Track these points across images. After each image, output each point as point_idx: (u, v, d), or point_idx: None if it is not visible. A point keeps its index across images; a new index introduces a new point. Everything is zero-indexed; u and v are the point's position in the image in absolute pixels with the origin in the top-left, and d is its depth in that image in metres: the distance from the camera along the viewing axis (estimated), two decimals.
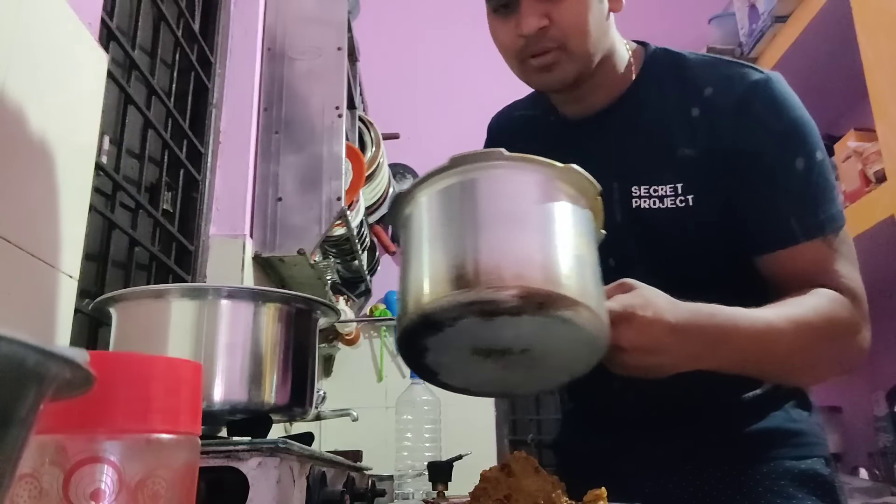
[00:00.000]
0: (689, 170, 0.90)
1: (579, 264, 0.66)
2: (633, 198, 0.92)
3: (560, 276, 0.63)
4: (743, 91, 0.89)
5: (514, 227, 0.66)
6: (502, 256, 0.63)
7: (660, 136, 0.92)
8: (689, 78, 0.93)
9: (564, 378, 0.73)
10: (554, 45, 0.89)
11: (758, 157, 0.88)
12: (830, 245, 0.88)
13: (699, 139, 0.90)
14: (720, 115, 0.89)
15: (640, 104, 0.95)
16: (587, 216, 0.71)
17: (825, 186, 0.89)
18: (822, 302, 0.84)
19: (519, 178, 0.70)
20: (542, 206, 0.68)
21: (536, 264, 0.63)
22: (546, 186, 0.69)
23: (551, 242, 0.66)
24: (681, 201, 0.90)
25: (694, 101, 0.92)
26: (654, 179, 0.91)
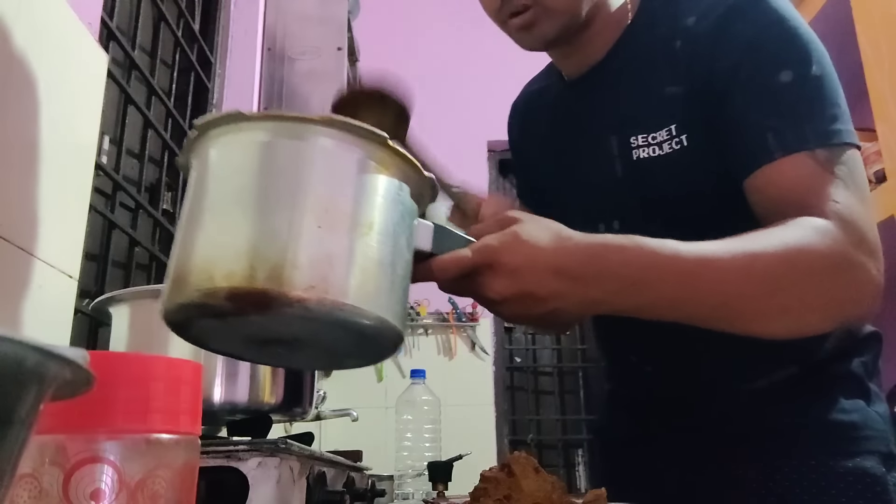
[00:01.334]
0: (678, 108, 0.82)
1: (332, 249, 0.52)
2: (633, 149, 0.85)
3: (285, 269, 0.50)
4: (724, 10, 0.81)
5: (242, 210, 0.52)
6: (220, 250, 0.51)
7: (650, 79, 0.86)
8: (679, 11, 0.86)
9: (359, 363, 0.62)
10: (531, 2, 0.84)
11: (735, 71, 0.78)
12: (820, 162, 0.73)
13: (682, 72, 0.83)
14: (700, 40, 0.82)
15: (634, 48, 0.89)
16: (374, 181, 0.56)
17: (821, 101, 0.76)
18: (791, 231, 0.69)
19: (270, 144, 0.55)
20: (286, 177, 0.53)
21: (258, 256, 0.50)
22: (301, 151, 0.54)
23: (290, 225, 0.52)
24: (676, 143, 0.82)
25: (678, 33, 0.84)
26: (651, 126, 0.84)
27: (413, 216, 0.59)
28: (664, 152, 0.83)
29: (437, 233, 0.62)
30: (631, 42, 0.89)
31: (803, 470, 0.82)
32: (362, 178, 0.55)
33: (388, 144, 0.56)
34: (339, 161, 0.54)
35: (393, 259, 0.55)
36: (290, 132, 0.54)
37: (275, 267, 0.49)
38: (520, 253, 0.61)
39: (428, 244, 0.61)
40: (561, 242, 0.63)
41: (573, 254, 0.62)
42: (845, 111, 0.77)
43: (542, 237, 0.62)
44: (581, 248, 0.63)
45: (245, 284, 0.49)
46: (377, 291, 0.53)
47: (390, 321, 0.54)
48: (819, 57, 0.78)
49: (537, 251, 0.61)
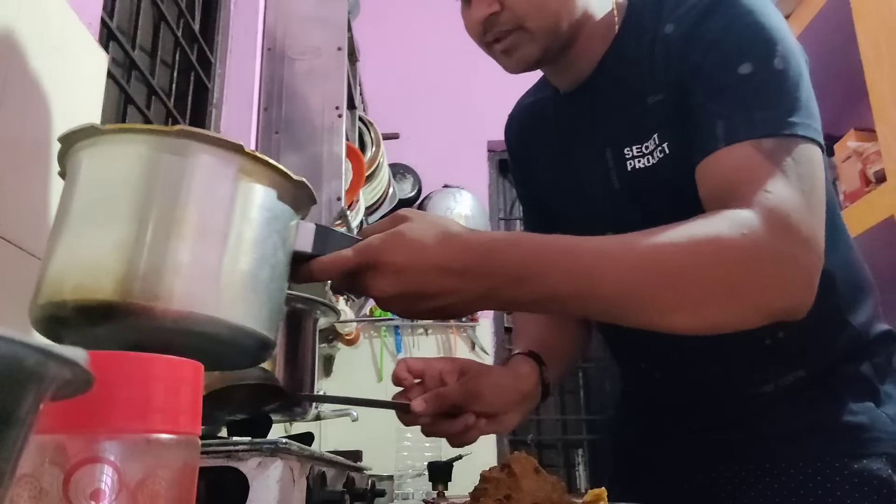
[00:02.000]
0: (659, 116, 0.82)
1: (180, 259, 0.52)
2: (627, 160, 0.86)
3: (130, 281, 0.50)
4: (696, 13, 0.80)
5: (93, 223, 0.53)
6: (70, 263, 0.51)
7: (636, 89, 0.86)
8: (661, 18, 0.85)
9: (234, 366, 0.61)
10: (510, 28, 0.85)
11: (698, 67, 0.78)
12: (763, 151, 0.70)
13: (660, 79, 0.83)
14: (673, 45, 0.81)
15: (621, 60, 0.89)
16: (229, 189, 0.56)
17: (779, 93, 0.73)
18: (703, 223, 0.67)
19: (119, 156, 0.55)
20: (136, 190, 0.53)
21: (104, 268, 0.50)
22: (151, 162, 0.54)
23: (136, 237, 0.51)
24: (660, 152, 0.82)
25: (658, 41, 0.84)
26: (641, 136, 0.85)
27: (284, 220, 0.59)
28: (654, 162, 0.83)
29: (318, 234, 0.62)
30: (618, 53, 0.89)
31: (809, 472, 0.81)
32: (216, 186, 0.55)
33: (246, 152, 0.56)
34: (190, 171, 0.54)
35: (254, 265, 0.55)
36: (142, 144, 0.54)
37: (120, 279, 0.50)
38: (403, 251, 0.61)
39: (309, 245, 0.62)
40: (447, 240, 0.63)
41: (459, 251, 0.63)
42: (807, 106, 0.74)
43: (428, 235, 0.62)
44: (468, 246, 0.63)
45: (90, 297, 0.50)
46: (231, 298, 0.53)
47: (247, 327, 0.54)
48: (785, 52, 0.76)
49: (421, 249, 0.62)
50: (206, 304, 0.52)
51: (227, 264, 0.53)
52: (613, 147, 0.87)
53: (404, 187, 3.05)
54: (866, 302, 0.89)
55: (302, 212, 0.62)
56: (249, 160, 0.56)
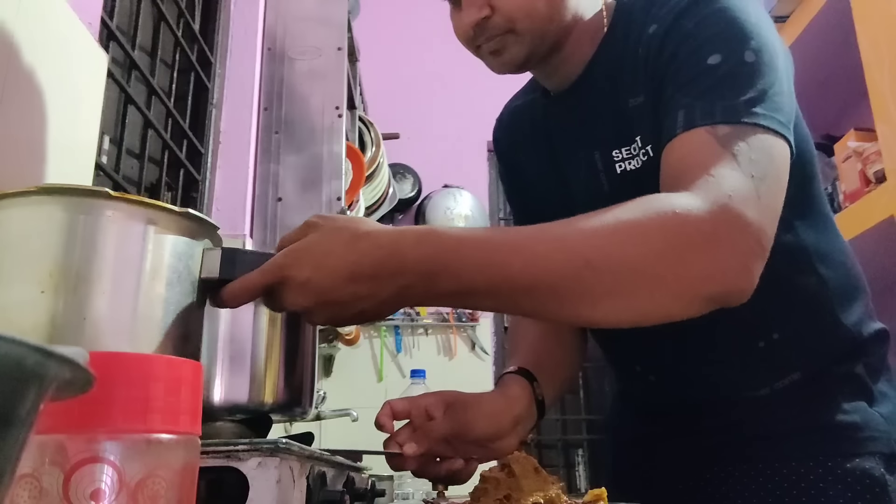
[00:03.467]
0: (641, 119, 0.81)
1: (55, 311, 0.53)
2: (616, 162, 0.85)
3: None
4: (679, 11, 0.79)
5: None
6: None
7: (620, 91, 0.85)
8: (641, 19, 0.84)
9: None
10: (500, 31, 0.85)
11: (671, 61, 0.77)
12: (717, 137, 0.68)
13: (641, 81, 0.82)
14: (652, 44, 0.80)
15: (608, 62, 0.88)
16: (101, 235, 0.56)
17: (746, 84, 0.71)
18: (632, 207, 0.64)
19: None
20: (14, 249, 0.55)
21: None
22: (26, 221, 0.56)
23: (10, 295, 0.54)
24: (644, 155, 0.81)
25: (641, 42, 0.83)
26: (625, 139, 0.84)
27: (180, 253, 0.60)
28: (639, 165, 0.83)
29: (225, 258, 0.62)
30: (606, 54, 0.89)
31: (802, 471, 0.82)
32: (86, 235, 0.56)
33: (113, 195, 0.57)
34: (60, 225, 0.55)
35: (137, 304, 0.56)
36: (16, 205, 0.55)
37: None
38: (308, 264, 0.61)
39: (215, 272, 0.62)
40: (353, 243, 0.61)
41: (366, 254, 0.61)
42: (773, 99, 0.71)
43: (334, 241, 0.61)
44: (376, 244, 0.61)
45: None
46: (114, 342, 0.54)
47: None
48: (759, 46, 0.74)
49: (326, 257, 0.61)
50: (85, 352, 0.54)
51: (101, 309, 0.54)
52: (602, 150, 0.88)
53: (404, 187, 3.05)
54: (859, 302, 0.90)
55: (202, 237, 0.62)
56: (119, 203, 0.57)
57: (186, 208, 0.60)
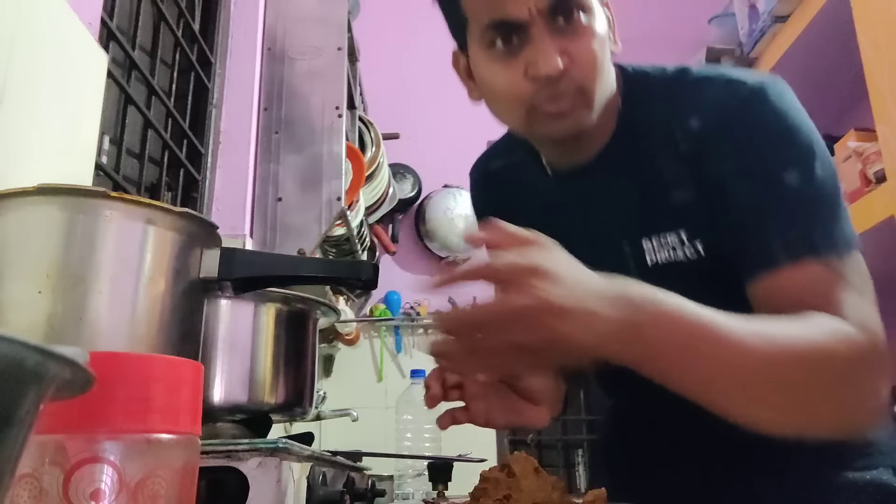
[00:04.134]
0: (688, 214, 0.80)
1: (51, 311, 0.53)
2: (647, 253, 0.82)
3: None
4: (731, 112, 0.77)
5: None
6: None
7: (653, 180, 0.82)
8: (674, 106, 0.81)
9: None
10: (571, 88, 0.76)
11: (744, 175, 0.76)
12: (831, 270, 0.71)
13: (689, 177, 0.79)
14: (705, 145, 0.78)
15: (630, 146, 0.84)
16: (97, 236, 0.57)
17: (826, 203, 0.74)
18: (817, 324, 0.66)
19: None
20: (13, 250, 0.56)
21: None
22: (21, 222, 0.56)
23: (9, 295, 0.55)
24: (689, 250, 0.80)
25: (680, 134, 0.80)
26: (660, 228, 0.81)
27: (178, 253, 0.60)
28: (678, 258, 0.80)
29: (224, 258, 0.63)
30: (628, 137, 0.84)
31: (813, 481, 0.82)
32: (84, 235, 0.56)
33: (111, 195, 0.57)
34: (58, 225, 0.56)
35: (135, 304, 0.56)
36: (14, 205, 0.56)
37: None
38: (561, 262, 0.59)
39: (214, 271, 0.63)
40: (600, 280, 0.60)
41: (608, 285, 0.60)
42: (846, 211, 0.75)
43: (581, 272, 0.61)
44: (616, 286, 0.60)
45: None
46: (111, 342, 0.54)
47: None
48: (821, 155, 0.76)
49: (577, 267, 0.60)
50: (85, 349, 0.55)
51: (97, 309, 0.54)
52: (630, 238, 0.84)
53: (404, 187, 3.05)
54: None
55: (201, 237, 0.63)
56: (118, 203, 0.57)
57: (185, 208, 0.60)
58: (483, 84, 0.82)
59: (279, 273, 0.69)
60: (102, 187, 0.57)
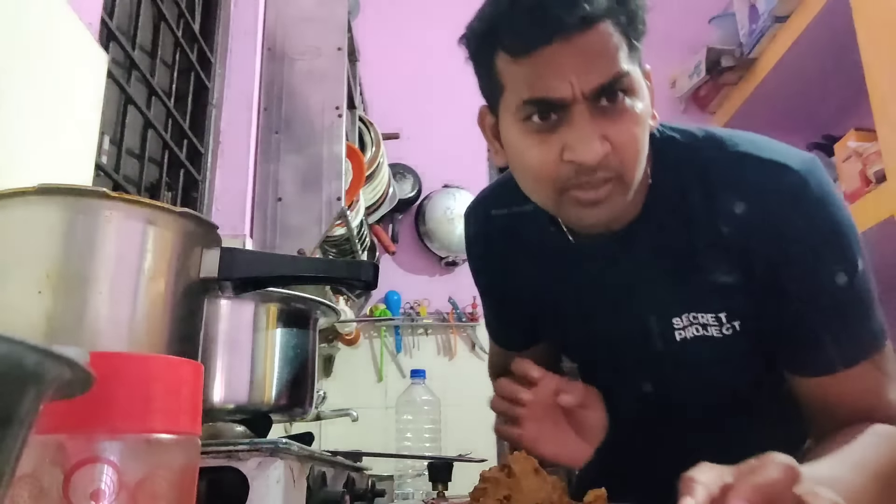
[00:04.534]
0: (729, 297, 0.80)
1: (54, 312, 0.54)
2: (676, 329, 0.82)
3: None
4: (778, 203, 0.76)
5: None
6: None
7: (690, 260, 0.80)
8: (713, 186, 0.79)
9: None
10: (611, 176, 0.72)
11: (797, 273, 0.77)
12: (877, 367, 0.76)
13: (734, 261, 0.79)
14: (755, 233, 0.77)
15: (661, 221, 0.81)
16: (96, 236, 0.57)
17: (867, 300, 0.78)
18: (885, 441, 0.72)
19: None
20: (11, 250, 0.56)
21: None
22: (18, 222, 0.56)
23: (10, 296, 0.55)
24: (727, 329, 0.80)
25: (724, 218, 0.78)
26: (694, 307, 0.81)
27: (178, 253, 0.60)
28: (711, 335, 0.81)
29: (224, 257, 0.63)
30: (659, 212, 0.81)
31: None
32: (84, 236, 0.56)
33: (111, 195, 0.57)
34: (58, 225, 0.56)
35: (135, 305, 0.56)
36: (14, 205, 0.55)
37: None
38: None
39: (214, 271, 0.63)
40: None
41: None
42: (875, 294, 0.79)
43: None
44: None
45: None
46: (111, 343, 0.54)
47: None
48: (858, 244, 0.78)
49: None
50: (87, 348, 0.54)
51: (98, 309, 0.54)
52: (659, 315, 0.83)
53: (404, 187, 3.05)
54: None
55: (201, 237, 0.63)
56: (118, 203, 0.57)
57: (185, 208, 0.60)
58: (513, 155, 0.78)
59: (279, 273, 0.69)
60: (102, 187, 0.57)
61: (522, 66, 0.71)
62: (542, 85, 0.70)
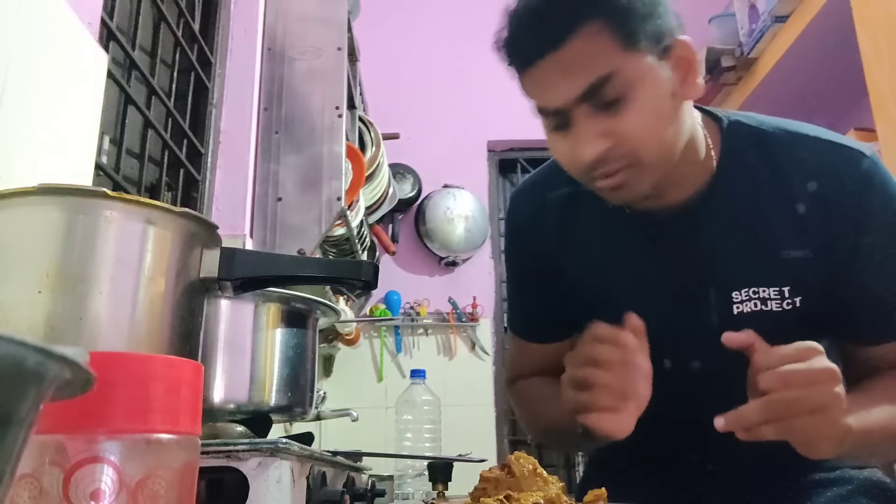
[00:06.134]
0: (798, 271, 0.83)
1: (52, 311, 0.54)
2: (735, 303, 0.84)
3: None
4: (855, 184, 0.82)
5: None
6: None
7: (760, 235, 0.84)
8: (783, 164, 0.84)
9: None
10: (624, 164, 0.77)
11: (871, 249, 0.82)
12: None
13: (811, 239, 0.83)
14: (835, 212, 0.82)
15: (730, 197, 0.85)
16: (97, 236, 0.57)
17: None
18: None
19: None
20: (12, 249, 0.56)
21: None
22: (19, 221, 0.57)
23: (10, 295, 0.55)
24: (787, 304, 0.83)
25: (796, 195, 0.83)
26: (756, 282, 0.84)
27: (178, 253, 0.60)
28: (769, 309, 0.83)
29: (224, 258, 0.64)
30: (726, 188, 0.85)
31: (814, 479, 0.87)
32: (84, 235, 0.56)
33: (111, 195, 0.57)
34: (58, 225, 0.56)
35: (135, 304, 0.56)
36: (14, 204, 0.56)
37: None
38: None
39: (214, 271, 0.63)
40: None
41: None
42: None
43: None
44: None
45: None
46: (111, 342, 0.54)
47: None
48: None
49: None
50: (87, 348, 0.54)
51: (98, 311, 0.54)
52: (718, 289, 0.85)
53: (404, 187, 3.05)
54: None
55: (201, 237, 0.63)
56: (117, 203, 0.57)
57: (185, 208, 0.60)
58: (550, 148, 0.85)
59: (279, 273, 0.69)
60: (102, 187, 0.57)
61: (526, 79, 0.80)
62: (540, 96, 0.79)
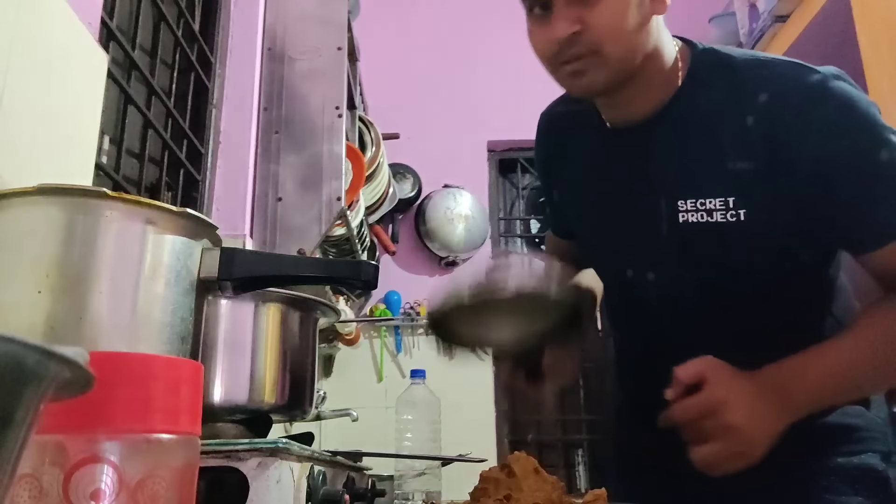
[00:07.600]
0: (743, 183, 0.85)
1: (52, 311, 0.55)
2: (680, 212, 0.88)
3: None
4: (802, 97, 0.84)
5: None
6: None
7: (709, 147, 0.87)
8: (739, 82, 0.88)
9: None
10: (586, 51, 0.84)
11: (837, 158, 0.82)
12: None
13: (756, 151, 0.85)
14: (780, 123, 0.84)
15: (688, 112, 0.90)
16: (96, 235, 0.58)
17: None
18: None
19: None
20: (12, 251, 0.57)
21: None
22: (19, 222, 0.57)
23: (11, 295, 0.56)
24: (731, 216, 0.86)
25: (747, 108, 0.86)
26: (703, 193, 0.87)
27: (178, 252, 0.60)
28: (714, 220, 0.86)
29: (224, 258, 0.64)
30: (685, 104, 0.89)
31: (807, 466, 0.87)
32: (84, 235, 0.56)
33: (111, 195, 0.57)
34: (58, 225, 0.56)
35: (135, 304, 0.56)
36: (14, 204, 0.56)
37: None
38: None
39: (214, 271, 0.63)
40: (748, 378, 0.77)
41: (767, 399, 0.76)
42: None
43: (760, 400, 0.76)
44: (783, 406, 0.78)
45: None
46: (111, 342, 0.54)
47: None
48: (887, 125, 0.84)
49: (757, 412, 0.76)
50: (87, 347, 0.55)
51: (96, 309, 0.54)
52: (667, 197, 0.89)
53: (404, 187, 3.05)
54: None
55: (201, 237, 0.63)
56: (117, 203, 0.57)
57: (185, 208, 0.60)
58: (530, 41, 0.92)
59: (279, 273, 0.69)
60: (102, 187, 0.57)
61: None
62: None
